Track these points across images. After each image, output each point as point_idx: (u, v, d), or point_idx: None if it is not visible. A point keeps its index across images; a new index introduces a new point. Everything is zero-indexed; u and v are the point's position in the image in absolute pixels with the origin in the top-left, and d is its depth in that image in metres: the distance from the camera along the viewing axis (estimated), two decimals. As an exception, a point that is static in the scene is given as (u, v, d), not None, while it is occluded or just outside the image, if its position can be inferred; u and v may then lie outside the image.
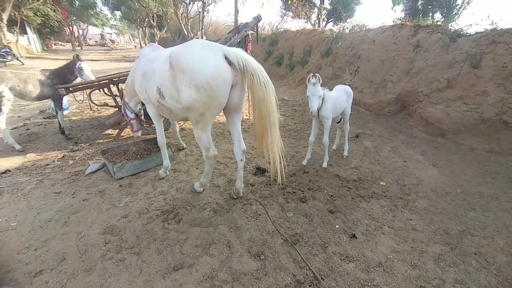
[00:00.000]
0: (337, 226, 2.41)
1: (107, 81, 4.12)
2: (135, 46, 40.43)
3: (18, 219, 2.50)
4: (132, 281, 1.83)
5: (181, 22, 14.08)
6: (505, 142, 3.74)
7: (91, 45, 37.73)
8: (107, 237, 2.25)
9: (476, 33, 4.51)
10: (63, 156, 3.92)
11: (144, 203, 2.70)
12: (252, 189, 2.97)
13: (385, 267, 1.98)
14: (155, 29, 24.61)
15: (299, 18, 15.17)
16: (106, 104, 4.97)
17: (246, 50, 6.65)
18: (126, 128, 4.84)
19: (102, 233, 2.32)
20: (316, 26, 16.14)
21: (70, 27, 29.48)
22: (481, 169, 3.56)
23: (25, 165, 3.66)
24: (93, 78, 4.35)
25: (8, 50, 14.21)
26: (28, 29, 22.39)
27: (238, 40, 5.35)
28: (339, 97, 3.35)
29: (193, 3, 14.34)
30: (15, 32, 18.93)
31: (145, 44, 33.20)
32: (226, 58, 2.10)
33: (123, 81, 4.37)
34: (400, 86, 5.28)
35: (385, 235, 2.31)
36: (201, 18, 13.61)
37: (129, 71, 4.73)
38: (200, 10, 14.07)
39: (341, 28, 8.27)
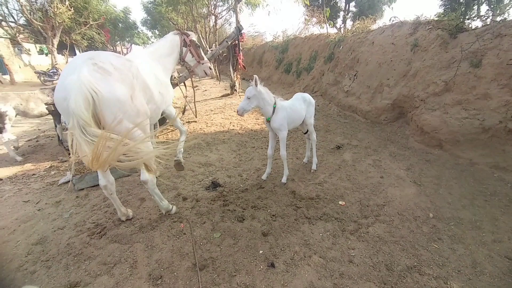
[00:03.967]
0: (260, 252, 2.17)
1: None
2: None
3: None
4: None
5: (200, 36, 14.79)
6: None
7: (132, 62, 41.54)
8: (33, 248, 2.34)
9: (483, 26, 3.85)
10: (50, 166, 4.28)
11: (85, 215, 2.78)
12: (194, 205, 2.85)
13: (290, 306, 1.71)
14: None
15: (322, 23, 14.65)
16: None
17: (236, 61, 6.67)
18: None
19: (35, 243, 2.41)
20: (342, 30, 15.40)
21: (115, 47, 33.13)
22: (475, 188, 2.94)
23: (17, 174, 4.07)
24: None
25: (55, 70, 16.43)
26: (77, 51, 25.71)
27: (221, 51, 5.35)
28: (295, 106, 3.10)
29: (209, 18, 14.98)
30: (65, 55, 21.87)
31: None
32: None
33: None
34: (396, 90, 4.73)
35: (310, 267, 2.00)
36: (214, 31, 14.17)
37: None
38: (213, 23, 14.64)
39: (346, 30, 7.75)
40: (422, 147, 3.99)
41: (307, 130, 3.48)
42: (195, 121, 6.18)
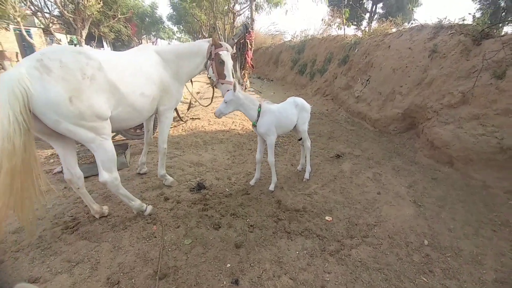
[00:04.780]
0: (228, 265, 2.02)
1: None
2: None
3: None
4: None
5: (219, 32, 14.84)
6: (532, 181, 2.67)
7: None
8: (9, 236, 2.35)
9: (512, 32, 3.42)
10: (51, 154, 4.40)
11: (66, 207, 2.78)
12: (174, 206, 2.76)
13: (244, 332, 1.55)
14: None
15: (340, 24, 14.09)
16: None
17: (245, 59, 6.53)
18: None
19: (13, 232, 2.43)
20: (365, 31, 14.64)
21: (140, 40, 34.28)
22: (484, 215, 2.61)
23: (20, 159, 4.21)
24: None
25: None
26: (104, 43, 26.85)
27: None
28: (285, 110, 2.91)
29: (229, 14, 14.95)
30: (93, 46, 22.94)
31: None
32: None
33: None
34: (409, 99, 4.36)
35: (276, 289, 1.83)
36: (231, 29, 14.14)
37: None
38: (231, 20, 14.59)
39: (364, 33, 7.34)
40: (430, 162, 3.64)
41: (301, 137, 3.27)
42: (199, 118, 6.13)
